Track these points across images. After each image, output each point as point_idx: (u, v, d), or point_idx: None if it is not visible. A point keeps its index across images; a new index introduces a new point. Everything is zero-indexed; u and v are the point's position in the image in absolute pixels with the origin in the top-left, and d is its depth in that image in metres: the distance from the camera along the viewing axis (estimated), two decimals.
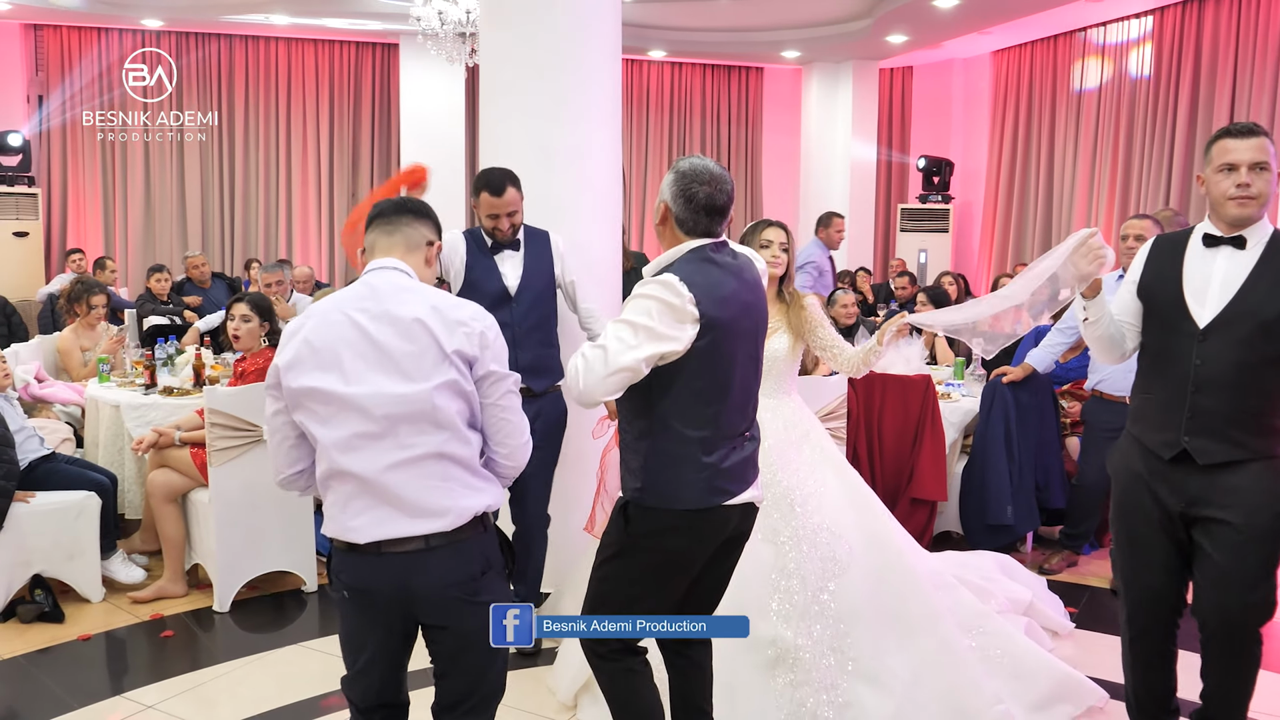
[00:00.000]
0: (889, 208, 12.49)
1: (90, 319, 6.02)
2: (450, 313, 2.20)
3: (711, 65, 12.51)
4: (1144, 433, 2.79)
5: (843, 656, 3.16)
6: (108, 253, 10.52)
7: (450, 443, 2.18)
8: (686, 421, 2.41)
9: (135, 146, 10.85)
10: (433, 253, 2.37)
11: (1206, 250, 2.72)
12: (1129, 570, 2.87)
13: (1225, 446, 2.64)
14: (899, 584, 3.29)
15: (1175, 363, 2.70)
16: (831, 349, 3.49)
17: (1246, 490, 2.63)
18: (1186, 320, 2.68)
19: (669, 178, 2.51)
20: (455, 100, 10.94)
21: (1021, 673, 3.31)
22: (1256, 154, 2.62)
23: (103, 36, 10.63)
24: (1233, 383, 2.63)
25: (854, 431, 4.75)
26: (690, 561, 2.52)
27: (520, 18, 4.16)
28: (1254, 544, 2.64)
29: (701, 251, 2.44)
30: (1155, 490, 2.74)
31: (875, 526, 3.37)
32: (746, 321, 2.49)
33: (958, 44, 11.16)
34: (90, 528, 4.34)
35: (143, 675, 3.76)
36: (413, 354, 2.15)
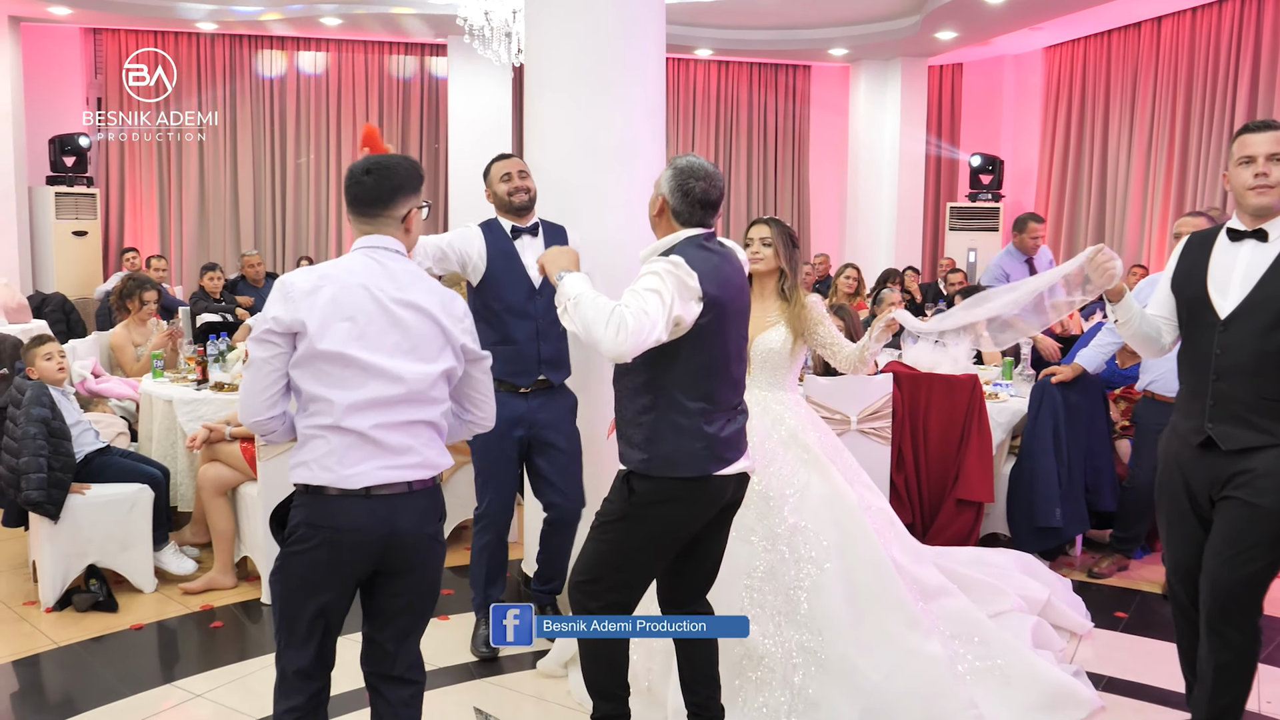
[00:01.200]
0: (938, 206, 12.35)
1: (142, 315, 6.15)
2: (452, 306, 2.46)
3: (758, 64, 12.45)
4: (1179, 420, 2.93)
5: (812, 657, 3.15)
6: (163, 252, 10.74)
7: (438, 415, 2.45)
8: (689, 394, 2.62)
9: (190, 148, 11.06)
10: (414, 216, 2.49)
11: (1231, 244, 2.86)
12: (1167, 549, 3.02)
13: (1247, 432, 2.75)
14: (875, 587, 3.27)
15: (1199, 353, 2.84)
16: (831, 346, 3.52)
17: (1263, 473, 2.72)
18: (1209, 311, 2.82)
19: (667, 174, 2.74)
20: (502, 99, 11.01)
21: (1012, 680, 3.28)
22: (1273, 145, 2.75)
23: (159, 40, 10.85)
24: (1252, 370, 2.74)
25: (898, 431, 4.71)
26: (688, 528, 2.72)
27: (564, 16, 4.17)
28: (1258, 522, 2.73)
29: (696, 239, 2.69)
30: (1188, 476, 2.88)
31: (854, 529, 3.34)
32: (739, 303, 2.76)
33: (1008, 40, 11.01)
34: (143, 520, 4.44)
35: (192, 664, 3.83)
36: (427, 338, 2.40)
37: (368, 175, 2.43)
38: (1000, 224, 11.28)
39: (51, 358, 4.48)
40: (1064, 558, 4.88)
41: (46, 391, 4.34)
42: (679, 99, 12.24)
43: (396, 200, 2.44)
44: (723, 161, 12.47)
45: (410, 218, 2.48)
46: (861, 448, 4.59)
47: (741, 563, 3.25)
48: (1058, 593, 4.03)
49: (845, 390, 4.59)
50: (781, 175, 12.70)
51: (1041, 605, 3.86)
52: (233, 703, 3.47)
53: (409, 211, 2.47)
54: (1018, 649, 3.39)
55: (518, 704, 3.46)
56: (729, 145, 12.52)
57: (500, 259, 3.76)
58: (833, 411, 4.56)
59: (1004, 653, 3.35)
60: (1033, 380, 5.24)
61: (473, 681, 3.63)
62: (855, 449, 4.55)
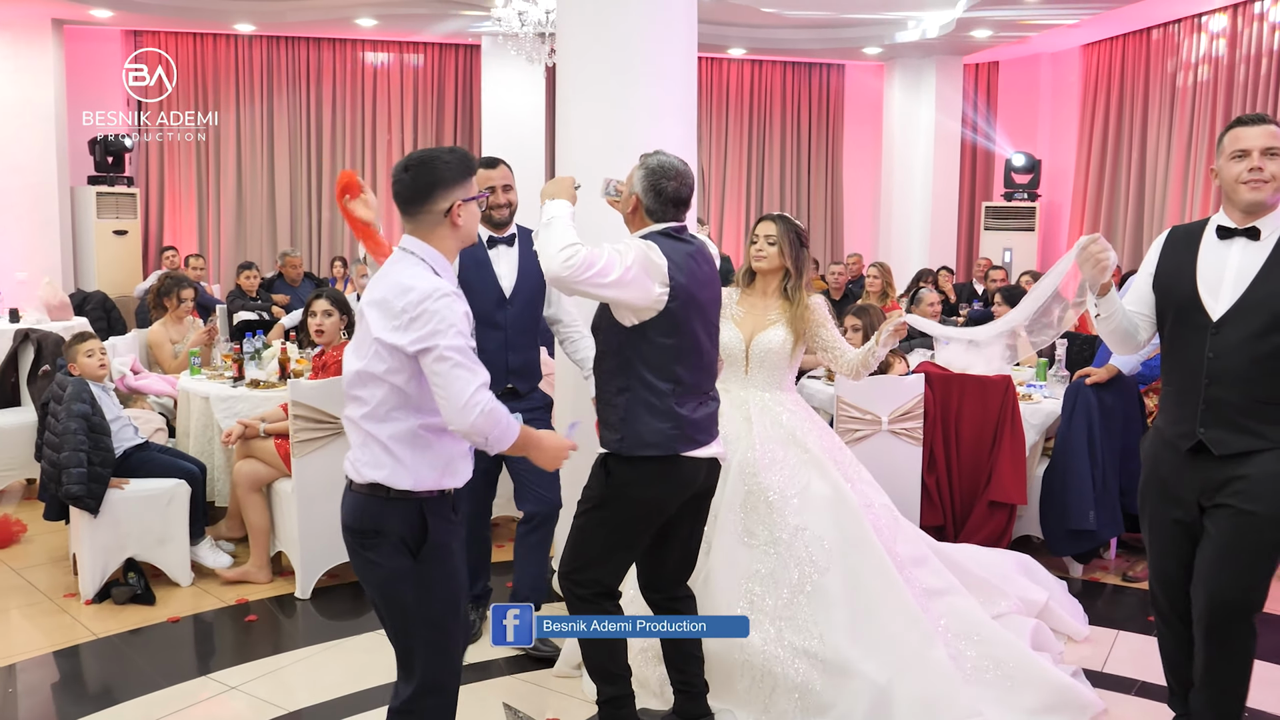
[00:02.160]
0: (973, 206, 12.25)
1: (179, 313, 6.24)
2: (394, 301, 2.29)
3: (792, 63, 12.41)
4: (1166, 425, 2.85)
5: (814, 660, 3.14)
6: (201, 251, 10.89)
7: (359, 416, 2.41)
8: (659, 375, 2.77)
9: (228, 148, 11.21)
10: (458, 210, 2.38)
11: (1220, 242, 2.77)
12: (1151, 556, 2.98)
13: (1240, 437, 2.69)
14: (877, 590, 3.25)
15: (1189, 355, 2.76)
16: (833, 349, 3.51)
17: (1257, 478, 2.67)
18: (1200, 313, 2.73)
19: (639, 173, 2.91)
20: (535, 100, 11.06)
21: (1016, 682, 3.27)
22: (1268, 140, 2.67)
23: (198, 42, 11.00)
24: (1245, 374, 2.68)
25: (930, 432, 4.69)
26: (663, 510, 2.86)
27: (596, 16, 4.19)
28: (1255, 529, 2.68)
29: (667, 231, 2.86)
30: (1174, 481, 2.81)
31: (855, 531, 3.33)
32: (706, 294, 2.89)
33: (1045, 38, 10.89)
34: (181, 514, 4.50)
35: (227, 657, 3.89)
36: (362, 336, 2.38)
37: (405, 172, 2.37)
38: (1036, 224, 11.18)
39: (93, 355, 4.56)
40: (1098, 561, 4.83)
41: (87, 388, 4.41)
42: (712, 99, 12.22)
43: (435, 195, 2.36)
44: (756, 161, 12.45)
45: (455, 211, 2.38)
46: (892, 448, 4.58)
47: (743, 566, 3.25)
48: (1055, 596, 4.01)
49: (877, 391, 4.57)
50: (815, 175, 12.65)
51: (1040, 608, 3.84)
52: (266, 695, 3.52)
53: (452, 205, 2.37)
54: (1021, 649, 3.38)
55: (546, 700, 3.48)
56: (762, 145, 12.49)
57: (472, 266, 3.66)
58: (864, 412, 4.55)
59: (1007, 652, 3.34)
60: (1067, 381, 5.18)
61: (502, 678, 3.65)
62: (886, 450, 4.55)
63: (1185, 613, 2.90)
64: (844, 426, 4.54)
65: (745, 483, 3.36)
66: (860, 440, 4.54)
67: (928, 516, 4.69)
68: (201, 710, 3.45)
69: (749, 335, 3.49)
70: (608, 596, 2.91)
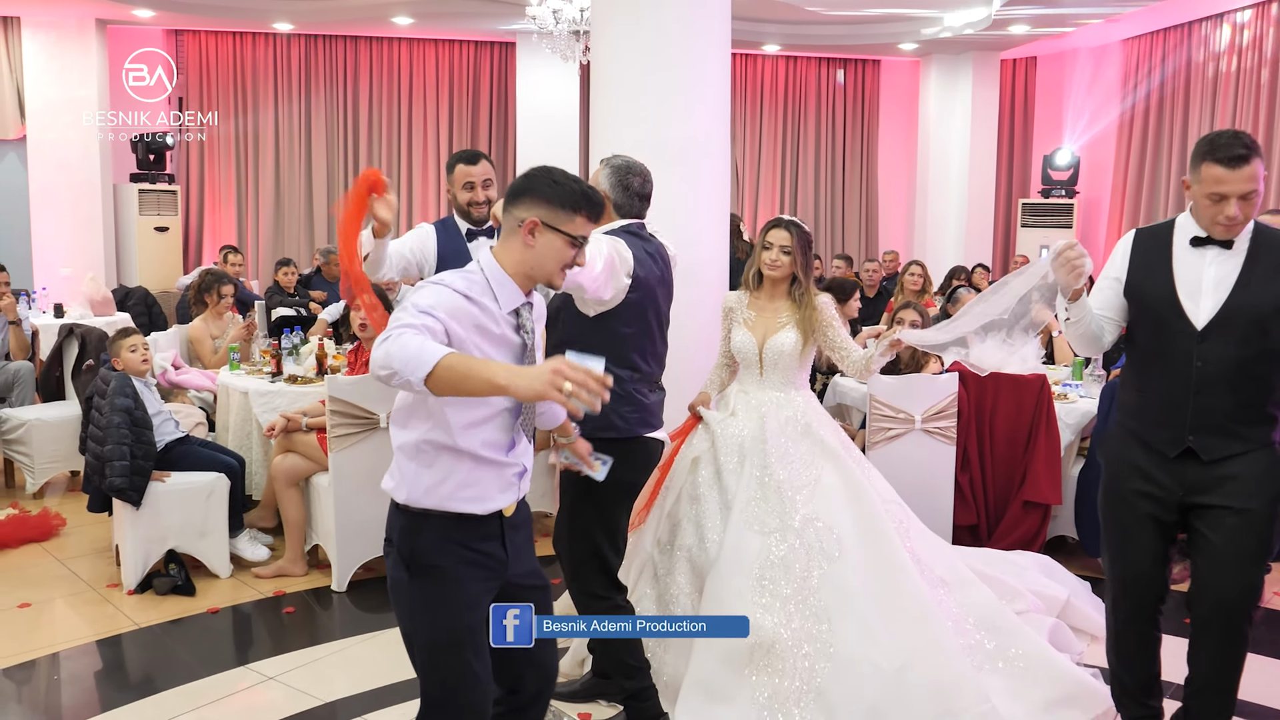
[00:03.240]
0: (1009, 203, 12.14)
1: (219, 308, 6.33)
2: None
3: (827, 58, 12.36)
4: (1144, 430, 2.84)
5: (822, 645, 3.16)
6: (239, 247, 11.03)
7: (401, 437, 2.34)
8: (618, 363, 2.91)
9: (266, 146, 11.34)
10: (526, 229, 2.21)
11: (1193, 248, 2.76)
12: (1118, 557, 2.94)
13: (1228, 441, 2.73)
14: (889, 577, 3.28)
15: (1175, 364, 2.75)
16: (840, 349, 3.57)
17: (1245, 477, 2.72)
18: (1183, 321, 2.73)
19: (605, 171, 3.13)
20: (570, 97, 11.10)
21: (1032, 674, 3.28)
22: (1247, 184, 2.61)
23: (237, 40, 11.15)
24: (1232, 380, 2.70)
25: (964, 431, 4.66)
26: (635, 487, 3.17)
27: (630, 14, 4.21)
28: (1251, 527, 2.72)
29: (630, 228, 3.08)
30: (1154, 482, 2.81)
31: (869, 521, 3.37)
32: (662, 289, 3.11)
33: (1084, 33, 10.77)
34: (220, 507, 4.58)
35: (265, 648, 3.96)
36: None
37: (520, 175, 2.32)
38: (1074, 221, 11.05)
39: (136, 350, 4.65)
40: None
41: (130, 382, 4.50)
42: (746, 95, 12.20)
43: (519, 201, 2.24)
44: (790, 158, 12.41)
45: (528, 227, 2.21)
46: (926, 447, 4.56)
47: (753, 553, 3.28)
48: (1077, 593, 4.00)
49: (910, 389, 4.56)
50: (849, 172, 12.58)
51: (1060, 605, 3.84)
52: (304, 685, 3.58)
53: (528, 220, 2.21)
54: (1037, 642, 3.39)
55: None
56: (796, 141, 12.44)
57: (452, 259, 3.58)
58: (897, 410, 4.54)
59: (1023, 645, 3.35)
60: (1103, 381, 5.14)
61: None
62: (919, 449, 4.54)
63: (1155, 613, 2.94)
64: (877, 425, 4.53)
65: (758, 475, 3.41)
66: (893, 439, 4.53)
67: (961, 516, 4.67)
68: (240, 700, 3.51)
69: (761, 339, 3.55)
70: (618, 589, 3.14)
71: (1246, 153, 2.61)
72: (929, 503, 4.53)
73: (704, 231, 4.34)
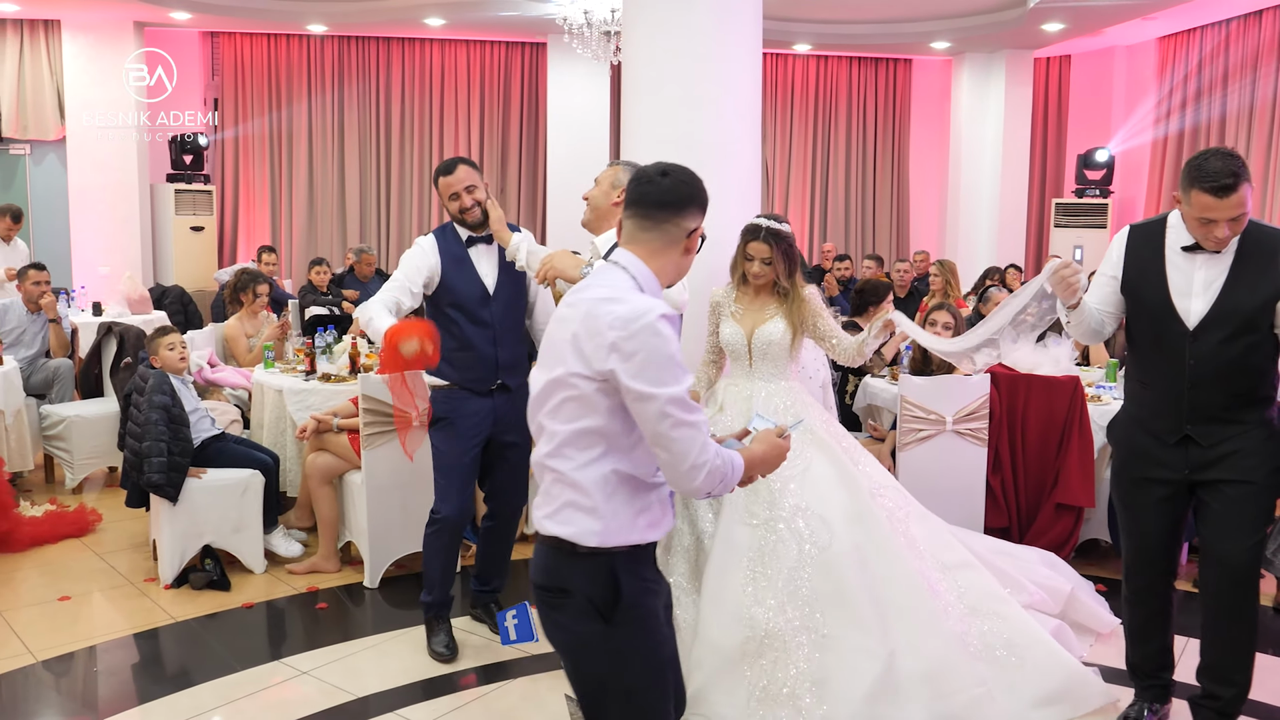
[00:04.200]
0: (1043, 203, 12.03)
1: (254, 307, 6.41)
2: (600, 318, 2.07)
3: (858, 58, 12.30)
4: (1146, 419, 3.04)
5: (817, 635, 3.16)
6: (274, 246, 11.14)
7: (549, 451, 2.20)
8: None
9: (300, 146, 11.45)
10: (694, 239, 2.17)
11: (1184, 251, 2.91)
12: (1130, 534, 3.13)
13: (1225, 427, 2.91)
14: (882, 565, 3.29)
15: (1170, 360, 2.93)
16: (829, 338, 3.61)
17: (1247, 451, 2.91)
18: (1175, 321, 2.90)
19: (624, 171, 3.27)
20: (600, 97, 11.12)
21: (1027, 663, 3.28)
22: (1235, 210, 2.74)
23: (272, 42, 11.26)
24: (1224, 375, 2.88)
25: (996, 433, 4.63)
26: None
27: (661, 14, 4.21)
28: (1254, 497, 2.91)
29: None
30: (1161, 463, 2.99)
31: (861, 507, 3.36)
32: None
33: (1120, 31, 10.64)
34: (255, 504, 4.64)
35: (298, 643, 4.00)
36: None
37: (665, 177, 2.13)
38: (1109, 221, 10.93)
39: (174, 348, 4.71)
40: None
41: (168, 380, 4.56)
42: (776, 94, 12.16)
43: (687, 211, 2.14)
44: (820, 158, 12.37)
45: (697, 236, 2.18)
46: (957, 449, 4.54)
47: (742, 544, 3.29)
48: (1081, 587, 4.00)
49: (941, 390, 4.53)
50: (880, 171, 12.52)
51: (1064, 597, 3.83)
52: (336, 681, 3.61)
53: (696, 229, 2.16)
54: (1034, 629, 3.39)
55: None
56: (827, 141, 12.40)
57: (452, 264, 3.76)
58: (928, 411, 4.52)
59: (1021, 632, 3.35)
60: None
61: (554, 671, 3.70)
62: (950, 450, 4.51)
63: (1165, 587, 3.12)
64: (908, 426, 4.51)
65: None
66: (924, 440, 4.51)
67: (992, 518, 4.65)
68: (274, 694, 3.55)
69: (750, 330, 3.59)
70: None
71: (1234, 181, 2.71)
72: (960, 505, 4.51)
73: (733, 232, 4.32)
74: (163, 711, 3.42)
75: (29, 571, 4.71)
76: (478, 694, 3.53)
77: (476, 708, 3.44)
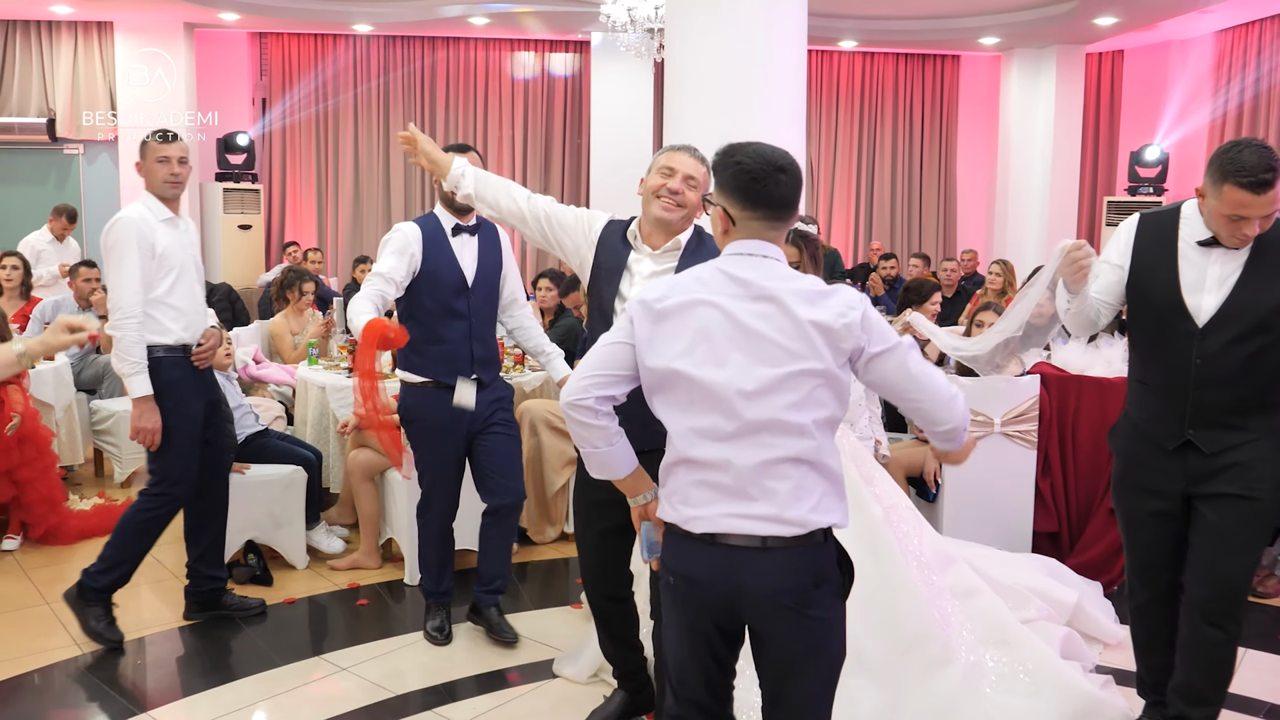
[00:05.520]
0: (1094, 201, 11.82)
1: (300, 305, 6.46)
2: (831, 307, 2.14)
3: (905, 54, 12.16)
4: (1145, 422, 2.90)
5: None
6: (319, 245, 11.26)
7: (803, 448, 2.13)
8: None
9: (345, 146, 11.56)
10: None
11: (1198, 246, 2.77)
12: (1132, 546, 2.99)
13: (1228, 433, 2.75)
14: (892, 599, 3.17)
15: (1175, 360, 2.78)
16: None
17: (1249, 463, 2.74)
18: (1184, 318, 2.75)
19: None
20: (643, 95, 11.10)
21: (1041, 691, 3.18)
22: (1269, 208, 2.61)
23: (319, 43, 11.38)
24: (1232, 377, 2.72)
25: (1045, 435, 4.53)
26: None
27: (705, 12, 4.18)
28: (1257, 514, 2.76)
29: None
30: (1156, 474, 2.86)
31: (874, 539, 3.24)
32: None
33: (1174, 24, 10.41)
34: (297, 499, 4.66)
35: (339, 639, 4.01)
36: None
37: (784, 174, 2.11)
38: None
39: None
40: None
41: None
42: (821, 92, 12.06)
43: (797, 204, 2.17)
44: (866, 156, 12.24)
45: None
46: (1005, 452, 4.45)
47: None
48: (1087, 596, 3.91)
49: (989, 392, 4.44)
50: (927, 169, 12.37)
51: (1070, 610, 3.74)
52: (376, 678, 3.61)
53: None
54: (1047, 655, 3.29)
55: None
56: (873, 139, 12.27)
57: (434, 254, 3.68)
58: (976, 413, 4.43)
59: (1035, 659, 3.26)
60: None
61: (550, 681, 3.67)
62: (998, 453, 4.42)
63: (1170, 600, 2.95)
64: None
65: None
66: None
67: (1042, 523, 4.55)
68: (314, 690, 3.56)
69: None
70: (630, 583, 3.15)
71: (1271, 176, 2.57)
72: (1008, 509, 4.43)
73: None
74: (205, 705, 3.44)
75: (77, 564, 4.75)
76: (517, 693, 3.51)
77: (515, 707, 3.42)
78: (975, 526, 4.34)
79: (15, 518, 4.94)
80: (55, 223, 8.35)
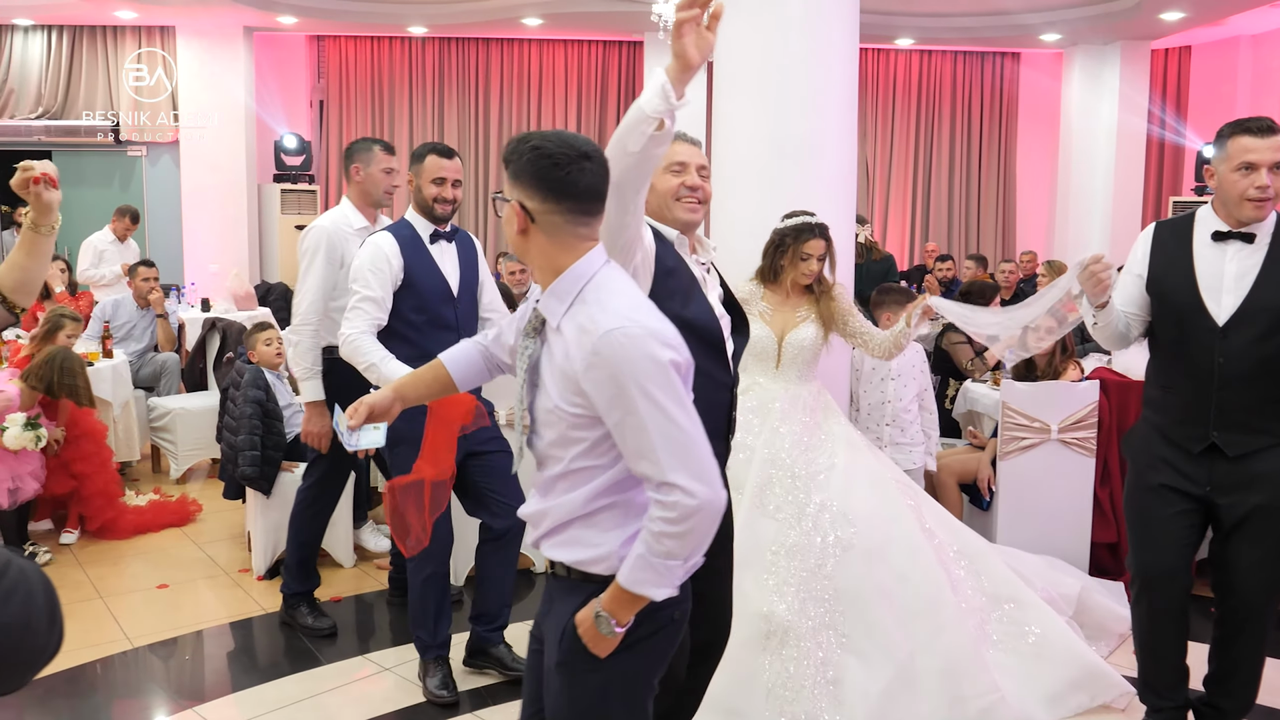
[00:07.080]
0: (1159, 201, 11.50)
1: None
2: None
3: (963, 52, 11.95)
4: (1169, 426, 2.85)
5: (835, 633, 3.10)
6: None
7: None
8: None
9: (401, 146, 11.62)
10: None
11: (1214, 243, 2.77)
12: (1145, 551, 2.92)
13: (1254, 436, 2.73)
14: (903, 564, 3.21)
15: (1197, 360, 2.76)
16: (862, 335, 3.54)
17: (1273, 474, 2.73)
18: (1204, 317, 2.73)
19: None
20: (695, 95, 10.98)
21: (1045, 654, 3.22)
22: (1274, 154, 2.61)
23: (375, 44, 11.49)
24: (1256, 376, 2.70)
25: (1104, 443, 4.40)
26: None
27: (755, 10, 4.11)
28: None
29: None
30: (1181, 474, 2.82)
31: (885, 506, 3.31)
32: None
33: (1244, 19, 10.10)
34: (345, 499, 4.67)
35: (384, 639, 4.02)
36: None
37: (589, 160, 1.99)
38: None
39: (271, 343, 4.80)
40: None
41: (262, 375, 4.65)
42: (877, 91, 11.90)
43: None
44: (923, 156, 12.05)
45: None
46: (1062, 459, 4.33)
47: (766, 539, 3.23)
48: (1090, 588, 3.87)
49: (1047, 397, 4.32)
50: (986, 170, 12.14)
51: (1074, 600, 3.70)
52: (418, 679, 3.61)
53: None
54: (1053, 617, 3.33)
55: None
56: (930, 138, 12.07)
57: (416, 264, 3.40)
58: (1032, 419, 4.31)
59: (1039, 620, 3.29)
60: None
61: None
62: (1055, 460, 4.30)
63: (1182, 606, 2.91)
64: (1010, 434, 4.32)
65: (769, 463, 3.36)
66: (1027, 449, 4.31)
67: (1099, 533, 4.41)
68: (357, 689, 3.57)
69: (780, 332, 3.53)
70: None
71: (1274, 125, 2.64)
72: (1065, 518, 4.31)
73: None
74: (250, 701, 3.47)
75: (131, 559, 4.86)
76: None
77: None
78: (1031, 536, 4.23)
79: (74, 511, 5.04)
80: (118, 223, 8.53)
